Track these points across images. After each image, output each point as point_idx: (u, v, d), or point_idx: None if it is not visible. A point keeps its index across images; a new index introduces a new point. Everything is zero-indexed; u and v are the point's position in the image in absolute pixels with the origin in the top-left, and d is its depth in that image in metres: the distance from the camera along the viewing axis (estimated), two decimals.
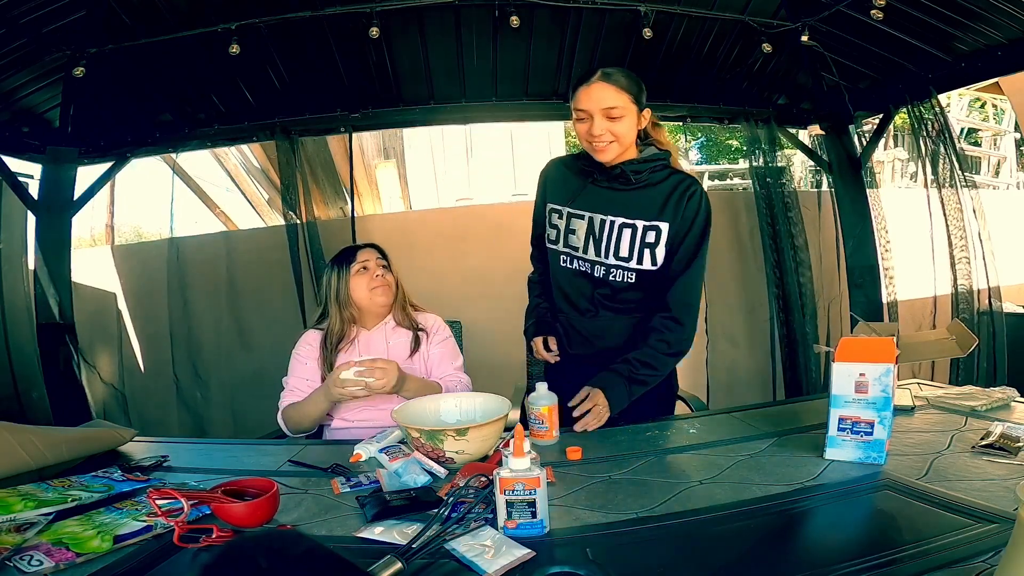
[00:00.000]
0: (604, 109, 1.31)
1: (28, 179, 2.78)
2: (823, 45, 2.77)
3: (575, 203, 1.43)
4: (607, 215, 1.39)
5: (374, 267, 1.58)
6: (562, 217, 1.45)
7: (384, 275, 1.58)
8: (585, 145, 1.38)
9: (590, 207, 1.41)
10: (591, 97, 1.32)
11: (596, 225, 1.40)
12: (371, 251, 1.62)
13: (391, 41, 2.68)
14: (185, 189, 4.92)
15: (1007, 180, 8.88)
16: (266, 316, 3.28)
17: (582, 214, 1.42)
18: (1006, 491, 0.88)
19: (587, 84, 1.33)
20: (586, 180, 1.43)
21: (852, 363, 1.02)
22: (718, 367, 3.44)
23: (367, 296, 1.56)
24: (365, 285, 1.56)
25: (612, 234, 1.38)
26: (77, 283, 2.87)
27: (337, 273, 1.58)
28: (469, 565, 0.77)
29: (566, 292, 1.48)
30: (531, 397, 1.26)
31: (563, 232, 1.44)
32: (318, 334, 1.58)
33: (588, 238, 1.41)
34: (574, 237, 1.43)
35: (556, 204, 1.46)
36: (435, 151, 8.33)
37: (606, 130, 1.32)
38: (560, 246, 1.46)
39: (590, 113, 1.32)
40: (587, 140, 1.35)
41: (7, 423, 1.10)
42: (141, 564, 0.80)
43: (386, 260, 1.62)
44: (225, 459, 1.28)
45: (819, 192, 3.56)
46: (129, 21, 2.41)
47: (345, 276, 1.57)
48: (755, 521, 0.86)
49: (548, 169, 1.54)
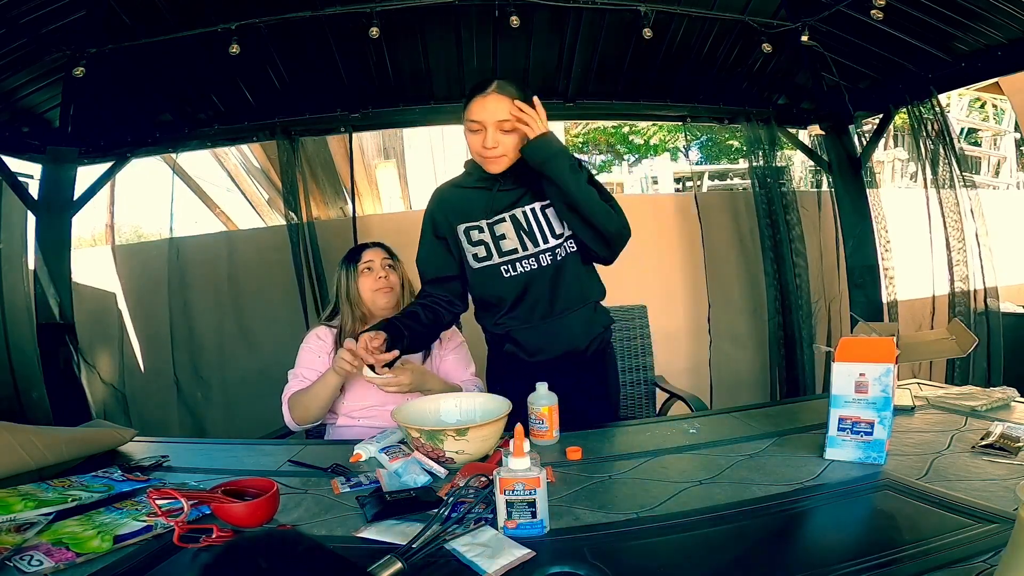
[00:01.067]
0: (497, 121, 1.31)
1: (28, 179, 2.78)
2: (823, 45, 2.77)
3: (491, 212, 1.39)
4: (524, 206, 1.39)
5: (378, 267, 1.58)
6: (483, 231, 1.39)
7: (388, 276, 1.57)
8: (476, 156, 1.37)
9: (506, 207, 1.40)
10: (486, 108, 1.31)
11: (521, 219, 1.39)
12: (377, 251, 1.61)
13: (391, 41, 2.68)
14: (185, 189, 4.92)
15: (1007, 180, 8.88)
16: (267, 316, 3.28)
17: (502, 217, 1.39)
18: (1006, 491, 0.88)
19: (483, 94, 1.32)
20: (490, 191, 1.40)
21: (852, 363, 1.02)
22: (721, 367, 3.45)
23: (370, 297, 1.56)
24: (369, 286, 1.56)
25: (539, 218, 1.39)
26: (77, 283, 2.87)
27: (346, 271, 1.59)
28: (469, 565, 0.77)
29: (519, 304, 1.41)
30: (531, 397, 1.26)
31: (492, 243, 1.39)
32: (329, 331, 1.58)
33: (520, 235, 1.38)
34: (506, 241, 1.38)
35: (472, 222, 1.40)
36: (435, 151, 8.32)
37: (499, 142, 1.32)
38: (496, 259, 1.39)
39: (484, 125, 1.31)
40: (478, 152, 1.34)
41: (7, 423, 1.10)
42: (141, 564, 0.80)
43: (393, 259, 1.61)
44: (225, 459, 1.28)
45: (819, 192, 3.57)
46: (129, 21, 2.41)
47: (354, 274, 1.58)
48: (755, 521, 0.86)
49: (441, 197, 1.46)
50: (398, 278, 1.60)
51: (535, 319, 1.41)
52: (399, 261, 1.65)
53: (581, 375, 1.45)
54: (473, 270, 1.41)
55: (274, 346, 3.20)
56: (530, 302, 1.40)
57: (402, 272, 1.63)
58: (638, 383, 2.02)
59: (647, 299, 2.09)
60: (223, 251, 3.39)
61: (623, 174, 12.04)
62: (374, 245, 1.64)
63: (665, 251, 3.54)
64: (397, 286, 1.59)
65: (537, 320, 1.41)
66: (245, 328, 3.31)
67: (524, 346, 1.42)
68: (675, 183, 10.59)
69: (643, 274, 3.19)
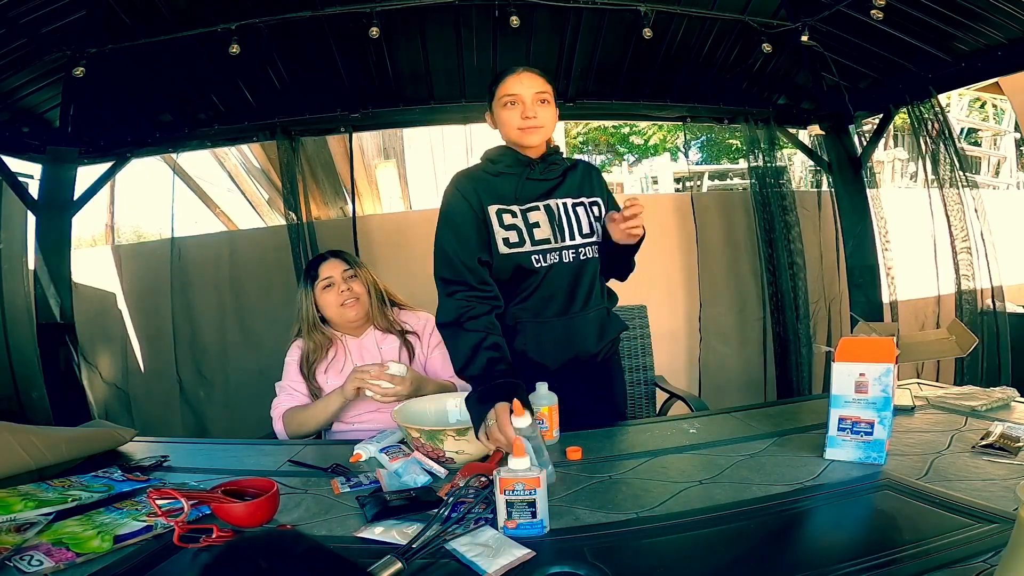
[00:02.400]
0: (536, 93, 1.34)
1: (28, 179, 2.78)
2: (823, 45, 2.77)
3: (521, 199, 1.37)
4: (557, 199, 1.38)
5: (339, 281, 1.52)
6: (516, 216, 1.35)
7: (351, 288, 1.52)
8: (512, 131, 1.36)
9: (539, 196, 1.38)
10: (522, 82, 1.34)
11: (554, 210, 1.37)
12: (335, 263, 1.54)
13: (391, 41, 2.68)
14: (185, 189, 4.92)
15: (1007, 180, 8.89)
16: (267, 316, 3.28)
17: (536, 205, 1.36)
18: (1006, 491, 0.88)
19: (515, 72, 1.35)
20: (519, 177, 1.38)
21: (852, 363, 1.02)
22: (710, 365, 3.45)
23: (337, 312, 1.52)
24: (333, 302, 1.51)
25: (570, 215, 1.38)
26: (77, 283, 2.87)
27: (304, 292, 1.54)
28: (469, 565, 0.77)
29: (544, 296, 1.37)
30: (531, 397, 1.26)
31: (525, 230, 1.34)
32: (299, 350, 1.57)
33: (552, 225, 1.36)
34: (539, 230, 1.35)
35: (504, 205, 1.35)
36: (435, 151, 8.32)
37: (537, 113, 1.33)
38: (528, 246, 1.34)
39: (521, 98, 1.33)
40: (516, 125, 1.34)
41: (7, 423, 1.10)
42: (141, 564, 0.80)
43: (353, 267, 1.55)
44: (225, 459, 1.28)
45: (819, 192, 3.57)
46: (129, 21, 2.41)
47: (311, 295, 1.53)
48: (755, 521, 0.86)
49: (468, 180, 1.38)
50: (363, 286, 1.54)
51: (549, 315, 1.36)
52: (361, 267, 1.57)
53: (589, 382, 1.42)
54: (500, 255, 1.33)
55: (274, 346, 3.18)
56: (546, 296, 1.36)
57: (366, 277, 1.56)
58: (638, 383, 2.02)
59: (647, 299, 2.09)
60: (223, 251, 3.39)
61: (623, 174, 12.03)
62: (330, 256, 1.56)
63: (665, 251, 3.54)
64: (363, 294, 1.53)
65: (551, 317, 1.36)
66: (245, 328, 3.32)
67: (534, 342, 1.36)
68: (675, 183, 10.59)
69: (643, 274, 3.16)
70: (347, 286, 1.52)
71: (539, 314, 1.36)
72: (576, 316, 1.38)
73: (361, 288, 1.54)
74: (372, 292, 1.55)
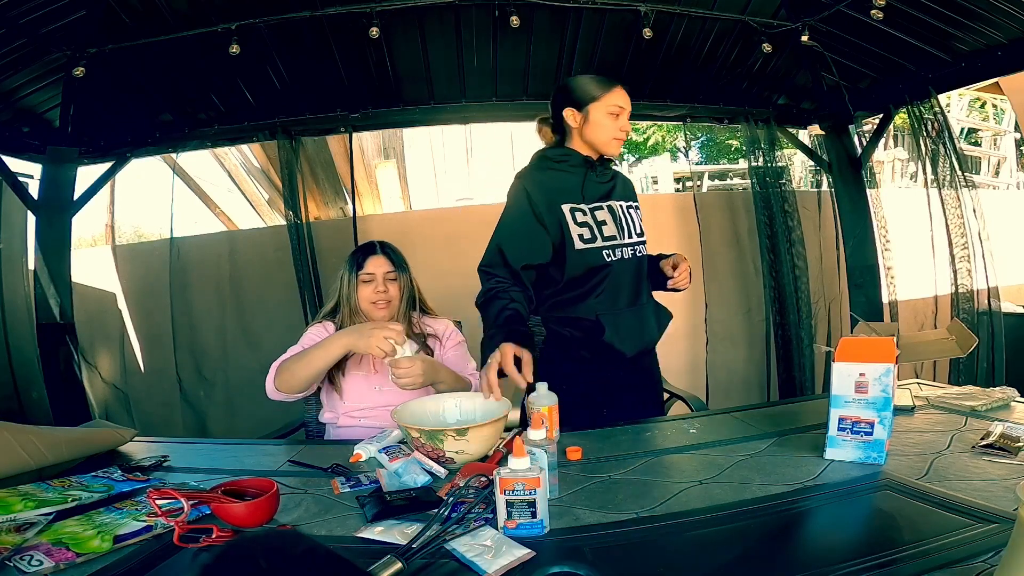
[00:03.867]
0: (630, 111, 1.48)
1: (28, 179, 2.78)
2: (823, 45, 2.78)
3: (588, 198, 1.47)
4: (615, 201, 1.51)
5: (380, 279, 1.53)
6: (586, 213, 1.45)
7: (388, 290, 1.53)
8: (606, 138, 1.47)
9: (600, 198, 1.50)
10: (626, 98, 1.47)
11: (615, 211, 1.49)
12: (381, 260, 1.55)
13: (391, 41, 2.68)
14: (185, 189, 4.92)
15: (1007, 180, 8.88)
16: (267, 316, 3.28)
17: (600, 204, 1.48)
18: (1006, 491, 0.88)
19: (621, 86, 1.47)
20: (583, 177, 1.49)
21: (852, 363, 1.02)
22: (717, 367, 3.45)
23: (368, 308, 1.54)
24: (367, 297, 1.53)
25: (628, 216, 1.51)
26: (77, 283, 2.87)
27: (348, 276, 1.55)
28: (469, 565, 0.77)
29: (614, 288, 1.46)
30: (531, 397, 1.26)
31: (595, 226, 1.45)
32: (334, 326, 1.56)
33: (615, 224, 1.48)
34: (607, 227, 1.46)
35: (575, 203, 1.45)
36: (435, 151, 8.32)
37: (628, 127, 1.49)
38: (599, 241, 1.45)
39: (624, 112, 1.46)
40: (613, 135, 1.46)
41: (7, 423, 1.10)
42: (141, 564, 0.80)
43: (396, 268, 1.56)
44: (225, 459, 1.28)
45: (819, 192, 3.57)
46: (129, 21, 2.41)
47: (355, 281, 1.54)
48: (755, 521, 0.86)
49: (536, 178, 1.48)
50: (399, 290, 1.55)
51: (621, 306, 1.46)
52: (404, 270, 1.58)
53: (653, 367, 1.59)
54: (575, 251, 1.43)
55: (274, 346, 3.17)
56: (617, 288, 1.47)
57: (404, 282, 1.57)
58: None
59: None
60: (223, 251, 3.39)
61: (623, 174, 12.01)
62: (380, 250, 1.57)
63: (665, 250, 3.53)
64: (396, 299, 1.54)
65: (624, 307, 1.47)
66: (245, 328, 3.32)
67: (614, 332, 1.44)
68: (675, 183, 10.59)
69: None
70: (384, 287, 1.54)
71: (614, 304, 1.46)
72: (643, 307, 1.52)
73: (396, 292, 1.55)
74: (405, 296, 1.57)
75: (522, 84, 3.05)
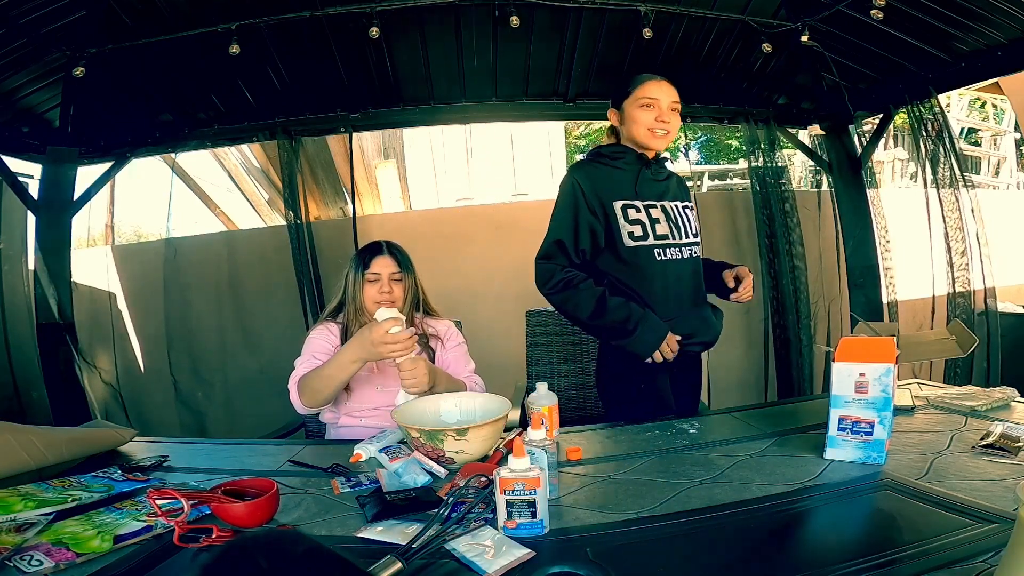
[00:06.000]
0: (672, 102, 1.46)
1: (28, 179, 2.78)
2: (823, 45, 2.77)
3: (642, 195, 1.45)
4: (669, 201, 1.49)
5: (385, 280, 1.53)
6: (640, 211, 1.43)
7: (393, 290, 1.53)
8: (641, 131, 1.45)
9: (655, 196, 1.47)
10: (662, 89, 1.45)
11: (670, 210, 1.47)
12: (387, 260, 1.54)
13: (391, 41, 2.68)
14: (185, 189, 4.92)
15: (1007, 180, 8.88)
16: (267, 316, 3.28)
17: (654, 203, 1.46)
18: (1006, 491, 0.88)
19: (656, 79, 1.46)
20: (636, 174, 1.47)
21: (852, 363, 1.02)
22: (716, 367, 3.44)
23: (372, 308, 1.53)
24: (372, 296, 1.53)
25: (683, 215, 1.50)
26: (77, 283, 2.87)
27: (354, 275, 1.55)
28: (469, 565, 0.77)
29: (667, 289, 1.44)
30: (531, 397, 1.26)
31: (648, 224, 1.43)
32: (337, 326, 1.56)
33: (669, 223, 1.46)
34: (660, 226, 1.44)
35: (627, 200, 1.43)
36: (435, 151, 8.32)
37: (670, 119, 1.45)
38: (651, 239, 1.43)
39: (659, 103, 1.44)
40: (650, 127, 1.44)
41: (7, 423, 1.10)
42: (141, 564, 0.80)
43: (401, 269, 1.55)
44: (225, 459, 1.28)
45: (819, 192, 3.56)
46: (129, 21, 2.41)
47: (361, 280, 1.54)
48: (755, 521, 0.86)
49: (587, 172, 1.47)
50: (403, 291, 1.55)
51: (684, 307, 1.46)
52: (410, 271, 1.57)
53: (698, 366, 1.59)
54: (626, 248, 1.41)
55: (274, 346, 3.20)
56: (676, 289, 1.46)
57: (410, 283, 1.57)
58: None
59: None
60: (222, 251, 3.39)
61: None
62: (387, 250, 1.56)
63: None
64: (400, 300, 1.54)
65: (686, 309, 1.47)
66: (245, 328, 3.32)
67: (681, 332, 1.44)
68: None
69: None
70: (390, 287, 1.53)
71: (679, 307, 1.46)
72: (703, 307, 1.53)
73: (401, 293, 1.55)
74: (409, 297, 1.57)
75: (522, 84, 3.05)
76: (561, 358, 2.01)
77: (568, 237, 1.43)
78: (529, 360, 2.00)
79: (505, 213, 3.75)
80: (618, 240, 1.41)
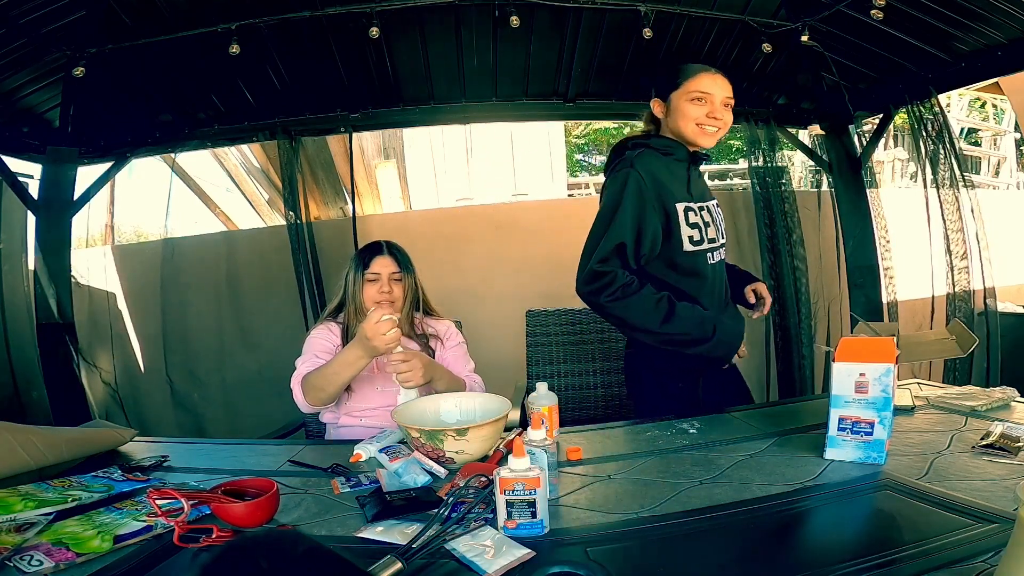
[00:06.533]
0: (725, 97, 1.36)
1: (28, 179, 2.78)
2: (823, 45, 2.77)
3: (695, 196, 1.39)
4: (710, 202, 1.45)
5: (385, 280, 1.53)
6: (697, 213, 1.36)
7: (392, 290, 1.53)
8: (689, 126, 1.36)
9: (702, 197, 1.43)
10: (716, 83, 1.35)
11: (712, 212, 1.43)
12: (387, 261, 1.54)
13: (391, 41, 2.68)
14: (185, 189, 4.92)
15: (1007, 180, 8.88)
16: (267, 316, 3.28)
17: (704, 204, 1.40)
18: (1006, 491, 0.88)
19: (710, 71, 1.36)
20: (687, 171, 1.41)
21: (852, 363, 1.02)
22: None
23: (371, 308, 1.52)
24: (371, 296, 1.53)
25: (719, 216, 1.46)
26: (77, 283, 2.87)
27: (354, 275, 1.55)
28: (469, 565, 0.77)
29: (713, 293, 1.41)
30: (531, 397, 1.26)
31: (703, 227, 1.36)
32: (337, 326, 1.56)
33: (716, 227, 1.42)
34: (710, 228, 1.39)
35: (686, 201, 1.35)
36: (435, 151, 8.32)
37: (722, 115, 1.36)
38: (705, 244, 1.37)
39: (711, 98, 1.35)
40: (700, 122, 1.36)
41: (7, 423, 1.10)
42: (141, 564, 0.80)
43: (401, 269, 1.55)
44: (225, 459, 1.28)
45: (819, 192, 3.56)
46: (129, 21, 2.40)
47: (361, 280, 1.54)
48: (755, 521, 0.86)
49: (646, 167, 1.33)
50: (403, 291, 1.55)
51: (719, 307, 1.44)
52: (410, 271, 1.57)
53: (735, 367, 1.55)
54: (684, 253, 1.34)
55: (274, 346, 3.20)
56: (720, 292, 1.45)
57: (409, 283, 1.56)
58: None
59: None
60: (222, 251, 3.39)
61: None
62: (386, 250, 1.56)
63: None
64: (400, 300, 1.54)
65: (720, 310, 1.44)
66: (245, 328, 3.32)
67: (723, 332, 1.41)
68: None
69: None
70: (389, 287, 1.53)
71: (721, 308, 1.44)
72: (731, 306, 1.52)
73: (400, 293, 1.54)
74: (409, 297, 1.56)
75: (522, 84, 3.05)
76: (561, 358, 2.01)
77: (631, 240, 1.29)
78: (529, 360, 2.00)
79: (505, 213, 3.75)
80: (676, 245, 1.32)
